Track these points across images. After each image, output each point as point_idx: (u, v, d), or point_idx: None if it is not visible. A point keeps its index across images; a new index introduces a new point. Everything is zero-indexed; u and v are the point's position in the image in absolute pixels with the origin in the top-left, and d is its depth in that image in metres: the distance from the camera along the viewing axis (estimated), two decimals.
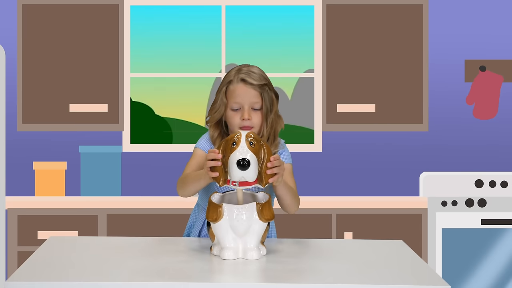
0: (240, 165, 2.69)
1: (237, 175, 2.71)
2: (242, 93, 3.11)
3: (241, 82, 3.12)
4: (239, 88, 3.12)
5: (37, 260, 2.73)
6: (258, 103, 3.13)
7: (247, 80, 3.11)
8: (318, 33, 5.58)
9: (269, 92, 3.16)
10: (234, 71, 3.16)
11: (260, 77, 3.14)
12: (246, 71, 3.14)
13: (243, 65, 3.20)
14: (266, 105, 3.15)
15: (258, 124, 3.15)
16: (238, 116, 3.12)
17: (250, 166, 2.70)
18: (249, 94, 3.12)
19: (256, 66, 3.20)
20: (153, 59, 5.60)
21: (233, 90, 3.13)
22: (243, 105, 3.12)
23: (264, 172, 2.77)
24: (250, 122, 3.12)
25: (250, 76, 3.12)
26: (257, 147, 2.76)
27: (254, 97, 3.12)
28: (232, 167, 2.71)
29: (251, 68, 3.16)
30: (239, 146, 2.74)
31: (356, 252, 2.96)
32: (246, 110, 3.11)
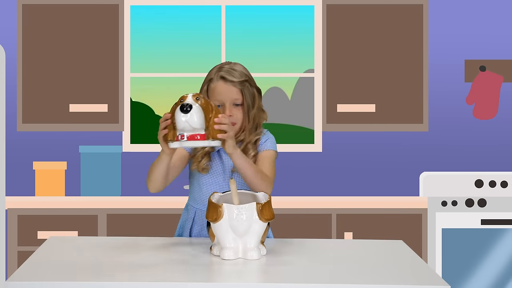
0: (183, 110, 2.76)
1: (180, 120, 2.78)
2: (223, 90, 3.17)
3: (221, 80, 3.18)
4: (220, 86, 3.17)
5: (37, 260, 2.73)
6: (239, 100, 3.18)
7: (227, 78, 3.17)
8: (318, 33, 5.58)
9: (250, 88, 3.20)
10: (215, 69, 3.21)
11: (240, 74, 3.19)
12: (227, 69, 3.20)
13: (225, 62, 3.25)
14: (247, 101, 3.20)
15: (240, 119, 3.19)
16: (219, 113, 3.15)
17: (192, 110, 2.77)
18: (230, 91, 3.17)
19: (238, 63, 3.25)
20: (153, 59, 5.60)
21: (213, 88, 3.18)
22: (224, 102, 3.17)
23: (212, 126, 2.82)
24: (232, 118, 3.16)
25: (230, 74, 3.17)
26: (205, 103, 2.84)
27: (235, 94, 3.17)
28: (177, 115, 2.79)
29: (233, 66, 3.22)
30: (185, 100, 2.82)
31: (356, 252, 2.96)
32: (227, 107, 3.17)
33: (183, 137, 2.81)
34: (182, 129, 2.81)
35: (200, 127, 2.81)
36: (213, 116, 2.84)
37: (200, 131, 2.82)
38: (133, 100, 5.61)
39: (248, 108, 3.19)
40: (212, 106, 2.87)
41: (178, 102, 2.85)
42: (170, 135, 2.84)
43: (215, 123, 2.84)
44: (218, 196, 2.85)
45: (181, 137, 2.81)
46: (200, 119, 2.80)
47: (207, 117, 2.83)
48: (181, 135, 2.81)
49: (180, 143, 2.83)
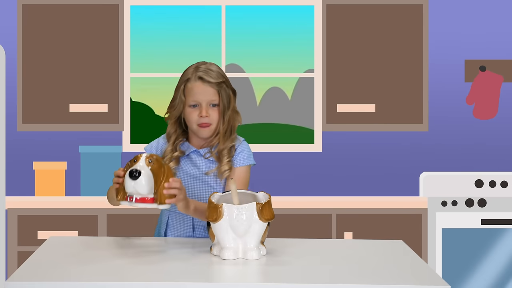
0: (131, 175, 2.78)
1: (129, 185, 2.80)
2: (200, 91, 3.17)
3: (198, 80, 3.18)
4: (197, 86, 3.17)
5: (37, 260, 2.73)
6: (215, 100, 3.18)
7: (205, 78, 3.17)
8: (318, 33, 5.58)
9: (226, 89, 3.21)
10: (192, 69, 3.21)
11: (217, 74, 3.19)
12: (203, 69, 3.19)
13: (201, 62, 3.25)
14: (223, 102, 3.20)
15: (215, 120, 3.19)
16: (196, 113, 3.17)
17: (140, 176, 2.78)
18: (207, 92, 3.17)
19: (214, 64, 3.25)
20: (153, 59, 5.60)
21: (191, 88, 3.18)
22: (201, 102, 3.17)
23: (161, 191, 2.83)
24: (208, 119, 3.17)
25: (207, 74, 3.17)
26: (156, 166, 2.84)
27: (212, 95, 3.17)
28: (126, 179, 2.81)
29: (209, 66, 3.22)
30: (138, 162, 2.83)
31: (356, 252, 2.96)
32: (204, 107, 3.16)
33: (132, 198, 2.84)
34: (130, 192, 2.83)
35: (148, 192, 2.82)
36: (164, 180, 2.85)
37: (149, 195, 2.83)
38: (133, 100, 5.61)
39: (223, 109, 3.19)
40: (164, 169, 2.87)
41: (131, 162, 2.86)
42: (120, 195, 2.86)
43: (165, 188, 2.85)
44: (218, 196, 2.85)
45: (129, 199, 2.84)
46: (148, 186, 2.81)
47: (157, 181, 2.84)
48: (130, 196, 2.84)
49: (130, 203, 2.85)
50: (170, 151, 3.24)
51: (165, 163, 2.89)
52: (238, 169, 3.21)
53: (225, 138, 3.20)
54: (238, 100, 3.31)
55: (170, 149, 3.25)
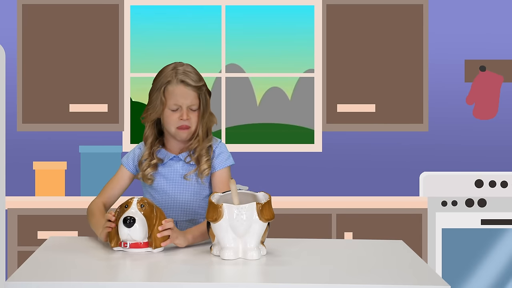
0: (126, 222, 2.80)
1: (124, 232, 2.83)
2: (182, 94, 3.14)
3: (181, 84, 3.14)
4: (179, 89, 3.14)
5: (37, 260, 2.73)
6: (195, 105, 3.16)
7: (187, 82, 3.14)
8: (318, 33, 5.58)
9: (205, 92, 3.19)
10: (170, 71, 3.17)
11: (197, 77, 3.17)
12: (183, 71, 3.16)
13: (177, 63, 3.21)
14: (203, 105, 3.18)
15: (195, 123, 3.18)
16: (176, 116, 3.15)
17: (135, 224, 2.80)
18: (189, 95, 3.14)
19: (190, 65, 3.22)
20: (153, 59, 5.60)
21: (172, 90, 3.14)
22: (182, 106, 3.14)
23: (155, 235, 2.86)
24: (188, 122, 3.15)
25: (188, 77, 3.15)
26: (149, 210, 2.87)
27: (193, 98, 3.15)
28: (120, 226, 2.83)
29: (187, 68, 3.19)
30: (130, 208, 2.85)
31: (356, 252, 2.96)
32: (184, 111, 3.14)
33: (126, 244, 2.86)
34: (125, 239, 2.85)
35: (142, 238, 2.85)
36: (157, 224, 2.87)
37: (144, 240, 2.86)
38: (133, 100, 5.61)
39: (203, 112, 3.18)
40: (156, 212, 2.89)
41: (123, 207, 2.87)
42: (114, 241, 2.87)
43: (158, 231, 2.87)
44: (218, 196, 2.85)
45: (123, 245, 2.86)
46: (143, 232, 2.84)
47: (151, 225, 2.87)
48: (124, 242, 2.86)
49: (123, 250, 2.88)
50: (148, 156, 3.22)
51: (157, 206, 2.92)
52: (219, 172, 3.20)
53: (201, 140, 3.19)
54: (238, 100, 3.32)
55: (147, 153, 3.22)
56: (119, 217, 2.88)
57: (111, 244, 2.88)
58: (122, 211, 2.88)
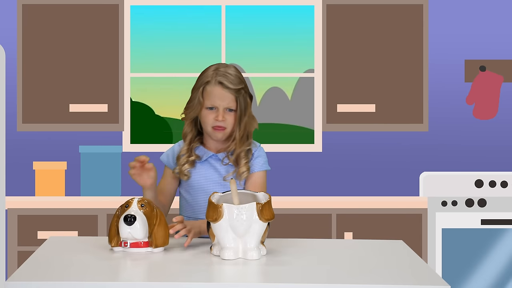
0: (126, 221, 2.82)
1: (125, 231, 2.83)
2: (219, 96, 3.16)
3: (218, 85, 3.16)
4: (216, 91, 3.16)
5: (37, 260, 2.73)
6: (233, 106, 3.18)
7: (224, 84, 3.15)
8: (318, 33, 5.58)
9: (244, 95, 3.20)
10: (211, 71, 3.19)
11: (237, 80, 3.18)
12: (223, 72, 3.17)
13: (221, 64, 3.23)
14: (240, 108, 3.19)
15: (231, 125, 3.20)
16: (212, 116, 3.17)
17: (135, 222, 2.82)
18: (225, 97, 3.16)
19: (233, 66, 3.23)
20: (153, 59, 5.60)
21: (210, 91, 3.17)
22: (218, 107, 3.16)
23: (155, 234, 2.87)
24: (224, 123, 3.17)
25: (227, 79, 3.16)
26: (149, 210, 2.89)
27: (230, 100, 3.17)
28: (120, 224, 2.84)
29: (228, 69, 3.19)
30: (130, 207, 2.87)
31: (356, 252, 2.96)
32: (220, 112, 3.16)
33: (126, 244, 2.87)
34: (125, 238, 2.86)
35: (143, 237, 2.86)
36: (157, 224, 2.88)
37: (144, 239, 2.87)
38: (133, 100, 5.61)
39: (240, 115, 3.19)
40: (156, 212, 2.91)
41: (123, 207, 2.89)
42: (114, 241, 2.89)
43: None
44: (218, 196, 2.85)
45: (124, 244, 2.87)
46: (143, 230, 2.85)
47: (151, 225, 2.88)
48: (125, 242, 2.87)
49: (124, 249, 2.89)
50: (186, 151, 3.23)
51: (157, 206, 2.94)
52: (256, 174, 3.23)
53: (241, 142, 3.21)
54: None
55: (186, 148, 3.24)
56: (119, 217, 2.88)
57: (111, 244, 2.88)
58: (123, 210, 2.88)
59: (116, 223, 2.88)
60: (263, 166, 3.25)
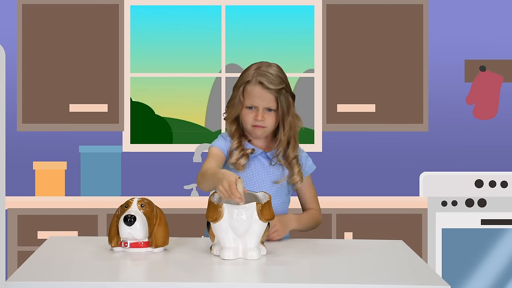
0: (126, 221, 2.81)
1: (124, 231, 2.83)
2: (258, 95, 3.14)
3: (258, 85, 3.14)
4: (256, 91, 3.14)
5: (37, 260, 2.73)
6: (273, 106, 3.16)
7: (265, 84, 3.13)
8: (318, 33, 5.58)
9: (285, 94, 3.17)
10: (252, 70, 3.17)
11: (278, 80, 3.15)
12: (264, 72, 3.15)
13: (263, 63, 3.20)
14: (282, 108, 3.17)
15: (271, 125, 3.18)
16: (252, 115, 3.16)
17: (135, 222, 2.81)
18: (265, 97, 3.14)
19: (275, 65, 3.21)
20: (153, 59, 5.60)
21: (250, 91, 3.15)
22: (258, 106, 3.15)
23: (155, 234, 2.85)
24: (263, 122, 3.16)
25: (268, 79, 3.13)
26: (149, 210, 2.89)
27: (270, 101, 3.15)
28: (120, 225, 2.84)
29: (270, 69, 3.17)
30: (130, 207, 2.87)
31: (356, 252, 2.96)
32: (260, 111, 3.15)
33: (126, 244, 2.87)
34: (125, 238, 2.86)
35: (143, 237, 2.86)
36: (157, 224, 2.88)
37: (144, 239, 2.87)
38: (133, 100, 5.61)
39: (283, 116, 3.17)
40: (156, 212, 2.90)
41: (123, 207, 2.89)
42: (114, 241, 2.88)
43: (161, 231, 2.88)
44: (218, 196, 2.85)
45: (124, 244, 2.87)
46: (143, 230, 2.85)
47: (151, 225, 2.88)
48: (125, 242, 2.87)
49: (124, 249, 2.89)
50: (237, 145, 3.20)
51: (157, 206, 2.94)
52: (307, 178, 3.30)
53: (292, 146, 3.22)
54: None
55: (236, 143, 3.20)
56: (119, 217, 2.88)
57: (111, 244, 2.88)
58: (123, 210, 2.88)
59: (116, 223, 2.88)
60: (312, 167, 3.33)
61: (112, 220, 2.91)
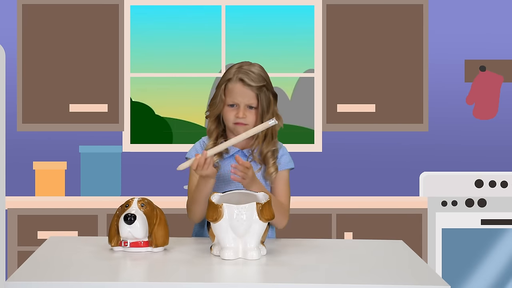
0: (126, 220, 2.82)
1: (125, 230, 2.84)
2: (239, 92, 3.17)
3: (239, 82, 3.17)
4: (237, 88, 3.17)
5: (37, 260, 2.73)
6: (254, 103, 3.19)
7: (245, 81, 3.16)
8: (318, 33, 5.58)
9: (266, 92, 3.21)
10: (234, 69, 3.20)
11: (259, 77, 3.18)
12: (245, 70, 3.18)
13: (245, 62, 3.24)
14: (262, 105, 3.21)
15: (252, 122, 3.20)
16: (233, 113, 3.19)
17: (135, 221, 2.82)
18: (246, 94, 3.17)
19: (257, 65, 3.24)
20: (153, 59, 5.60)
21: (231, 88, 3.18)
22: (239, 104, 3.17)
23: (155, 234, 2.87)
24: (245, 120, 3.18)
25: (249, 77, 3.17)
26: (149, 209, 2.89)
27: (251, 97, 3.18)
28: (120, 224, 2.84)
29: (252, 67, 3.20)
30: (130, 206, 2.87)
31: (356, 252, 2.96)
32: (241, 109, 3.17)
33: (126, 243, 2.87)
34: (125, 237, 2.86)
35: (143, 236, 2.86)
36: (157, 224, 2.89)
37: (144, 239, 2.88)
38: (133, 100, 5.61)
39: (262, 113, 3.19)
40: (156, 212, 2.91)
41: (123, 206, 2.90)
42: (114, 240, 2.89)
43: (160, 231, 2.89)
44: (218, 196, 2.85)
45: (124, 244, 2.88)
46: (143, 230, 2.85)
47: (151, 224, 2.88)
48: (125, 241, 2.87)
49: (124, 249, 2.89)
50: (212, 145, 3.22)
51: (157, 206, 2.94)
52: (282, 172, 3.25)
53: (267, 142, 3.23)
54: None
55: (212, 143, 3.23)
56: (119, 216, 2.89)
57: (111, 244, 2.88)
58: (123, 210, 2.89)
59: (116, 222, 2.88)
60: (289, 164, 3.28)
61: (112, 219, 2.92)
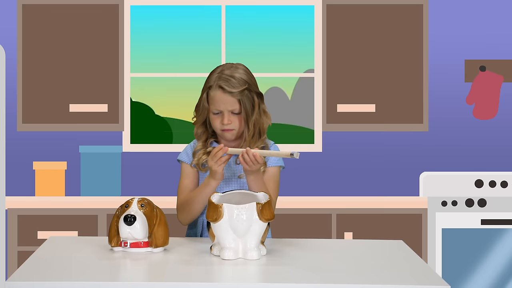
0: (126, 221, 2.82)
1: (124, 231, 2.84)
2: (221, 100, 3.15)
3: (219, 90, 3.15)
4: (218, 96, 3.16)
5: (37, 260, 2.73)
6: (236, 109, 3.17)
7: (225, 88, 3.14)
8: (318, 33, 5.58)
9: (249, 95, 3.18)
10: (215, 75, 3.18)
11: (239, 82, 3.16)
12: (226, 76, 3.15)
13: (227, 65, 3.21)
14: (245, 109, 3.18)
15: (238, 127, 3.20)
16: (219, 120, 3.19)
17: (135, 222, 2.82)
18: (228, 101, 3.15)
19: (240, 67, 3.21)
20: (153, 59, 5.60)
21: (213, 96, 3.17)
22: (223, 111, 3.16)
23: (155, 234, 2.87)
24: (230, 126, 3.19)
25: (228, 83, 3.14)
26: (149, 210, 2.90)
27: (232, 103, 3.16)
28: (120, 224, 2.84)
29: (233, 71, 3.17)
30: (130, 207, 2.87)
31: (356, 252, 2.96)
32: (225, 116, 3.17)
33: (126, 244, 2.88)
34: (125, 238, 2.87)
35: (143, 237, 2.86)
36: (157, 224, 2.89)
37: (144, 239, 2.88)
38: (133, 100, 5.61)
39: (247, 116, 3.18)
40: (156, 212, 2.91)
41: (123, 207, 2.90)
42: (114, 241, 2.89)
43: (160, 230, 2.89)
44: (218, 196, 2.85)
45: (124, 244, 2.88)
46: (143, 230, 2.85)
47: (151, 224, 2.88)
48: (124, 242, 2.88)
49: (124, 249, 2.89)
50: (202, 147, 3.24)
51: (157, 206, 2.94)
52: (270, 169, 3.26)
53: (254, 139, 3.22)
54: None
55: (201, 144, 3.24)
56: (119, 217, 2.89)
57: (111, 244, 2.88)
58: (123, 210, 2.89)
59: (116, 223, 2.88)
60: (278, 161, 3.28)
61: (112, 220, 2.92)
